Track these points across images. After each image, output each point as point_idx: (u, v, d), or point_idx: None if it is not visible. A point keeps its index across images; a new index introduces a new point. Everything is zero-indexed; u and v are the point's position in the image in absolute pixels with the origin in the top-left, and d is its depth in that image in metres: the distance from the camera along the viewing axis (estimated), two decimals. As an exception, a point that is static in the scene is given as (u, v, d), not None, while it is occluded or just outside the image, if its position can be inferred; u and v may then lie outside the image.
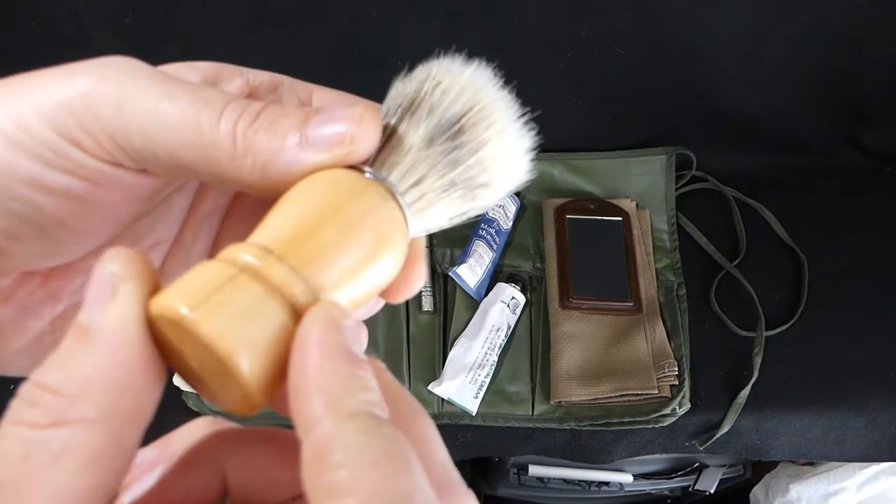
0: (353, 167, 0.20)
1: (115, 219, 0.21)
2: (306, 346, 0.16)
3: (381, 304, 0.22)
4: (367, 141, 0.19)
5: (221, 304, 0.16)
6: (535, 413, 0.76)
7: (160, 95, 0.19)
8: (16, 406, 0.15)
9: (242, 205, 0.25)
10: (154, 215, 0.24)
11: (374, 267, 0.19)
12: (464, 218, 0.22)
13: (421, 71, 0.22)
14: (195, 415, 0.73)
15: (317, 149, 0.18)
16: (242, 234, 0.19)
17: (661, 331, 0.79)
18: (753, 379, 0.75)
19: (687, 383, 0.75)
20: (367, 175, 0.20)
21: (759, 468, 1.02)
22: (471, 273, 0.80)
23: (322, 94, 0.23)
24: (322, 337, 0.16)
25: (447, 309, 0.82)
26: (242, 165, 0.19)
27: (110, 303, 0.16)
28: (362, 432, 0.15)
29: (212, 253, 0.25)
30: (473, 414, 0.76)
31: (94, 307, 0.16)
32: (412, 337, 0.80)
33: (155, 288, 0.17)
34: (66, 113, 0.19)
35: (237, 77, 0.22)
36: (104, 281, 0.16)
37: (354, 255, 0.18)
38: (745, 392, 0.75)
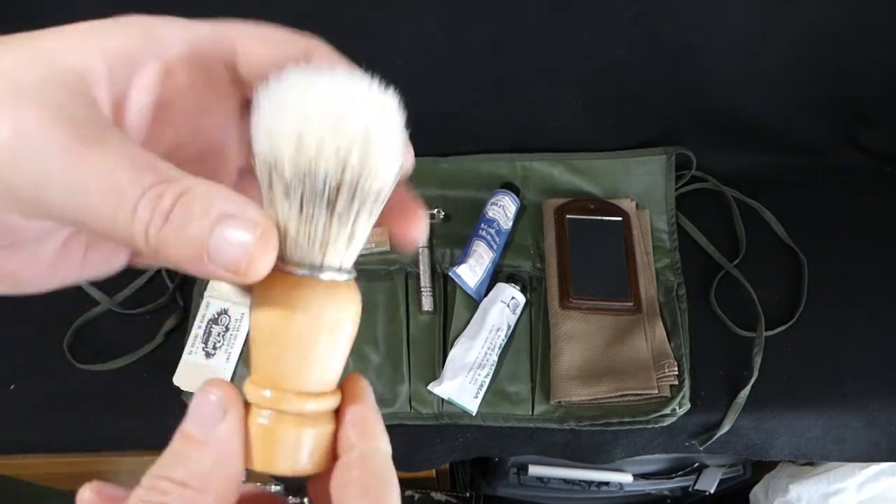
0: (288, 269, 0.23)
1: None
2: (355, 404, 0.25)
3: None
4: (261, 269, 0.21)
5: (278, 452, 0.23)
6: (535, 413, 0.76)
7: (73, 174, 0.19)
8: (144, 494, 0.21)
9: None
10: None
11: (341, 344, 0.24)
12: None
13: (285, 137, 0.22)
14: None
15: (217, 267, 0.20)
16: None
17: (660, 331, 0.79)
18: (753, 379, 0.75)
19: (687, 383, 0.75)
20: (300, 273, 0.23)
21: (759, 468, 1.02)
22: (471, 273, 0.80)
23: (250, 53, 0.25)
24: (363, 402, 0.25)
25: (447, 309, 0.82)
26: (157, 256, 0.20)
27: (222, 422, 0.22)
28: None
29: None
30: (473, 414, 0.76)
31: (206, 424, 0.22)
32: (412, 337, 0.80)
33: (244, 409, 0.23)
34: None
35: (153, 60, 0.23)
36: (212, 405, 0.22)
37: (329, 355, 0.24)
38: (745, 392, 0.75)
